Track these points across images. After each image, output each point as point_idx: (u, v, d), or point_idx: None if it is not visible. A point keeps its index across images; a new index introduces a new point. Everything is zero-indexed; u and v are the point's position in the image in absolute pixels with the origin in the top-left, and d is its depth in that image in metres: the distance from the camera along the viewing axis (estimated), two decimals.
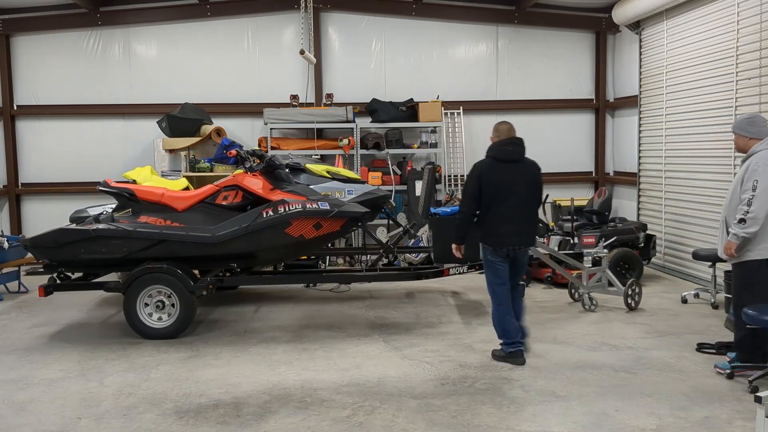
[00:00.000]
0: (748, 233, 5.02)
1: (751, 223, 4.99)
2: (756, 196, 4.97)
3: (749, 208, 4.98)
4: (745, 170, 5.13)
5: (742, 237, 5.06)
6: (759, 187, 4.97)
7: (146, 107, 10.69)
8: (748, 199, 5.00)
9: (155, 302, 6.62)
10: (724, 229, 5.29)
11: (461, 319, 7.15)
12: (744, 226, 5.01)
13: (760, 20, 7.32)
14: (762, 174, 4.99)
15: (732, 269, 5.36)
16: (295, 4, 9.88)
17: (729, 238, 5.12)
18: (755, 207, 4.97)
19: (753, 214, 4.97)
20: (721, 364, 5.39)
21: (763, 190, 4.97)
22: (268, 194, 6.82)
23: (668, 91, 9.28)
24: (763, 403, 3.54)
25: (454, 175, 10.92)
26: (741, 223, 5.02)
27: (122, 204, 7.04)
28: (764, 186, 4.97)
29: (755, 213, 4.97)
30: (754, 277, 5.16)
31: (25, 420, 4.70)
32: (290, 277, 7.94)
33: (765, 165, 5.02)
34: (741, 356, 5.27)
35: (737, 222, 5.04)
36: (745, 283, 5.21)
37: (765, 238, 5.07)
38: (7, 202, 10.77)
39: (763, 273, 5.12)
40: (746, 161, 5.21)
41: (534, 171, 5.93)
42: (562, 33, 11.11)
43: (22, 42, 10.64)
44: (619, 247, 8.43)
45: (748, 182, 5.03)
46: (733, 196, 5.23)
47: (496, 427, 4.44)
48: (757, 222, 4.98)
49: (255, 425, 4.54)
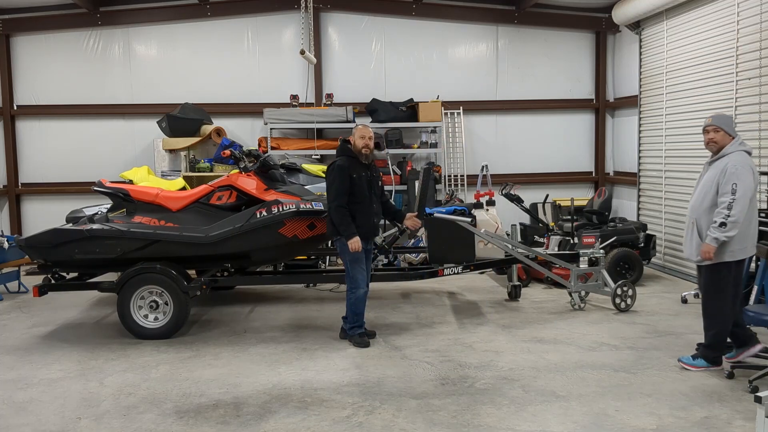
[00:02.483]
0: (728, 237, 5.06)
1: (731, 227, 5.03)
2: (737, 200, 4.99)
3: (730, 212, 5.01)
4: (722, 173, 5.11)
5: (722, 240, 5.09)
6: (739, 191, 5.00)
7: (146, 107, 10.70)
8: (729, 203, 5.02)
9: (149, 302, 6.62)
10: (693, 231, 5.30)
11: (460, 320, 7.15)
12: (725, 229, 5.04)
13: (760, 20, 7.32)
14: (741, 177, 5.02)
15: (702, 271, 5.39)
16: (295, 4, 9.89)
17: (708, 241, 5.12)
18: (736, 211, 5.00)
19: (734, 218, 5.01)
20: (684, 358, 5.51)
21: (743, 194, 5.00)
22: (262, 194, 6.82)
23: (668, 91, 9.28)
24: (763, 403, 3.54)
25: (454, 175, 10.92)
26: (722, 227, 5.04)
27: (117, 204, 7.04)
28: (744, 190, 5.00)
29: (736, 217, 5.01)
30: (726, 278, 5.24)
31: (25, 420, 4.70)
32: (289, 277, 7.93)
33: (743, 167, 5.06)
34: (709, 354, 5.39)
35: (718, 226, 5.06)
36: (718, 284, 5.27)
37: (736, 241, 5.12)
38: (7, 202, 10.78)
39: (734, 274, 5.24)
40: (717, 162, 5.21)
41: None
42: (562, 33, 11.11)
43: (22, 42, 10.64)
44: (619, 247, 8.44)
45: (727, 185, 5.03)
46: (705, 198, 5.23)
47: (496, 427, 4.44)
48: (737, 225, 5.03)
49: (255, 425, 4.53)
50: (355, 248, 6.05)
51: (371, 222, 6.25)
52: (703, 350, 5.44)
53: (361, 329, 6.33)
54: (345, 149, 6.27)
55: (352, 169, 6.12)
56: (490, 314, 7.35)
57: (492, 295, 8.32)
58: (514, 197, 8.67)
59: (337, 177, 6.08)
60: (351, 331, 6.34)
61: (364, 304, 6.33)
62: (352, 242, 6.04)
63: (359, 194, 6.12)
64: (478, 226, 7.52)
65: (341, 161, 6.17)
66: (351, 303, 6.30)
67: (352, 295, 6.29)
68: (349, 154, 6.21)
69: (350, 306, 6.31)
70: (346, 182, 6.06)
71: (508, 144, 11.19)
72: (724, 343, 5.39)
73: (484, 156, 10.88)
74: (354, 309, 6.30)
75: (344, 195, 6.07)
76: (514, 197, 8.67)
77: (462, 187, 10.89)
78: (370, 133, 6.26)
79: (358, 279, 6.25)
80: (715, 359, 5.40)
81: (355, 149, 6.21)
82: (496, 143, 11.17)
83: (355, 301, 6.28)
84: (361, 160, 6.21)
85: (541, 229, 9.31)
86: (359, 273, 6.24)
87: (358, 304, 6.28)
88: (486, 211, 7.98)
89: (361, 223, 6.15)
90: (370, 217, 6.23)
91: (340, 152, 6.30)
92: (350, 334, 6.34)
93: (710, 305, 5.34)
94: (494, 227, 7.74)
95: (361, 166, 6.20)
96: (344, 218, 6.07)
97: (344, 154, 6.24)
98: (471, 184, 10.76)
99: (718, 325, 5.32)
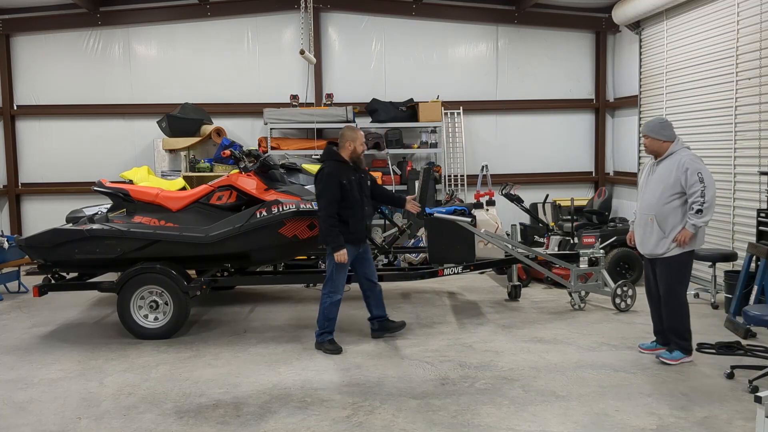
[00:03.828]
0: (705, 222, 5.41)
1: (707, 212, 5.38)
2: (707, 186, 5.35)
3: (704, 198, 5.36)
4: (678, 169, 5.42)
5: (700, 226, 5.41)
6: (706, 180, 5.36)
7: (146, 107, 10.69)
8: (701, 191, 5.35)
9: (149, 302, 6.62)
10: (653, 226, 5.57)
11: (460, 320, 7.15)
12: (702, 215, 5.37)
13: (760, 20, 7.32)
14: (701, 168, 5.41)
15: (662, 263, 5.62)
16: (295, 4, 9.89)
17: (687, 228, 5.42)
18: (709, 196, 5.36)
19: (708, 204, 5.36)
20: (663, 354, 5.64)
21: (711, 182, 5.38)
22: (262, 194, 6.82)
23: (668, 91, 9.28)
24: (763, 403, 3.54)
25: (454, 175, 10.92)
26: (698, 213, 5.37)
27: (117, 204, 7.04)
28: (709, 178, 5.39)
29: (710, 202, 5.37)
30: (685, 267, 5.60)
31: (25, 420, 4.70)
32: (289, 277, 7.93)
33: (697, 159, 5.48)
34: (682, 344, 5.60)
35: (695, 213, 5.38)
36: (678, 274, 5.58)
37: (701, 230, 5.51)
38: (7, 202, 10.78)
39: (691, 264, 5.67)
40: (664, 162, 5.55)
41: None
42: (562, 33, 11.11)
43: (22, 42, 10.64)
44: (619, 247, 8.44)
45: (693, 176, 5.36)
46: (662, 194, 5.51)
47: (496, 427, 4.44)
48: (711, 211, 5.41)
49: (255, 425, 4.54)
50: (340, 260, 5.98)
51: (363, 226, 6.18)
52: (678, 342, 5.62)
53: (331, 335, 6.19)
54: (332, 153, 6.14)
55: (342, 174, 6.00)
56: (490, 314, 7.35)
57: (492, 295, 8.32)
58: (514, 197, 8.67)
59: (327, 186, 5.95)
60: (320, 338, 6.17)
61: (337, 310, 6.21)
62: (339, 255, 5.97)
63: (351, 199, 6.03)
64: (478, 226, 7.52)
65: (329, 167, 6.03)
66: (325, 307, 6.15)
67: (328, 299, 6.15)
68: (337, 158, 6.11)
69: (323, 310, 6.15)
70: (336, 191, 5.94)
71: (508, 144, 11.18)
72: (690, 330, 5.64)
73: (484, 156, 10.88)
74: (327, 314, 6.15)
75: (334, 204, 5.95)
76: (514, 197, 8.67)
77: (462, 187, 10.89)
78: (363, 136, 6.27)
79: (338, 284, 6.16)
80: (688, 348, 5.63)
81: (354, 155, 6.13)
82: (496, 143, 11.17)
83: (330, 305, 6.15)
84: (350, 165, 6.13)
85: (541, 229, 9.31)
86: (341, 278, 6.16)
87: (332, 309, 6.16)
88: (486, 211, 7.98)
89: (354, 228, 6.09)
90: (362, 221, 6.16)
91: (326, 157, 6.15)
92: (319, 341, 6.17)
93: (675, 295, 5.58)
94: (494, 227, 7.74)
95: (349, 169, 6.10)
96: (332, 229, 5.96)
97: (331, 158, 6.11)
98: (471, 184, 10.75)
99: (685, 313, 5.59)
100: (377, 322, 6.52)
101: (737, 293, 6.73)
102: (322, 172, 6.06)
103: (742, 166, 7.68)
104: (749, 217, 7.32)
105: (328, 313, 6.17)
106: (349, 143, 6.12)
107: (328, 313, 6.17)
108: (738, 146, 7.75)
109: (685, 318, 5.59)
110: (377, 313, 6.52)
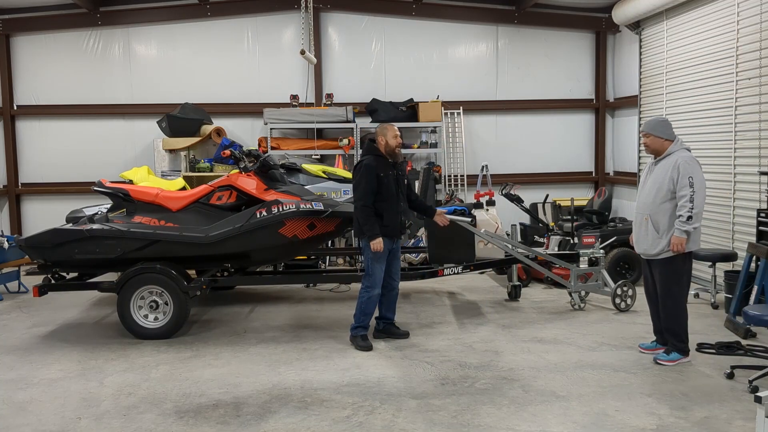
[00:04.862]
0: (695, 227, 5.38)
1: (696, 219, 5.36)
2: (696, 192, 5.33)
3: (693, 205, 5.33)
4: (673, 169, 5.40)
5: (691, 232, 5.39)
6: (696, 184, 5.33)
7: (146, 107, 10.70)
8: (690, 196, 5.33)
9: (149, 302, 6.62)
10: (648, 226, 5.57)
11: (460, 320, 7.15)
12: (692, 222, 5.35)
13: (760, 20, 7.32)
14: (694, 171, 5.36)
15: (659, 265, 5.62)
16: (295, 4, 9.89)
17: (678, 234, 5.38)
18: (698, 202, 5.34)
19: (697, 210, 5.34)
20: (660, 356, 5.64)
21: (701, 186, 5.35)
22: (262, 194, 6.82)
23: (668, 91, 9.28)
24: (763, 403, 3.54)
25: (454, 175, 10.92)
26: (689, 219, 5.34)
27: (117, 204, 7.04)
28: (700, 182, 5.36)
29: (699, 208, 5.35)
30: (682, 269, 5.55)
31: (25, 420, 4.70)
32: (289, 277, 7.93)
33: (692, 162, 5.42)
34: (679, 345, 5.60)
35: (685, 220, 5.34)
36: (674, 275, 5.55)
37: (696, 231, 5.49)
38: (7, 202, 10.78)
39: (688, 265, 5.60)
40: (663, 162, 5.53)
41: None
42: (562, 33, 11.11)
43: (22, 42, 10.64)
44: (619, 247, 8.44)
45: (684, 179, 5.34)
46: (657, 194, 5.50)
47: (496, 427, 4.44)
48: (701, 216, 5.40)
49: (255, 425, 4.53)
50: (376, 249, 6.02)
51: (398, 220, 6.22)
52: (675, 343, 5.61)
53: (365, 331, 6.27)
54: (372, 149, 6.24)
55: (380, 168, 6.10)
56: (490, 314, 7.35)
57: (492, 295, 8.32)
58: (514, 197, 8.67)
59: (365, 176, 6.06)
60: (354, 332, 6.26)
61: (375, 306, 6.26)
62: (374, 243, 6.01)
63: (386, 193, 6.10)
64: (478, 226, 7.52)
65: (369, 160, 6.13)
66: (362, 301, 6.21)
67: (366, 294, 6.20)
68: (376, 153, 6.19)
69: (360, 304, 6.22)
70: (373, 182, 6.04)
71: (508, 144, 11.19)
72: (687, 331, 5.62)
73: (484, 156, 10.88)
74: (365, 308, 6.21)
75: (371, 195, 6.05)
76: (514, 197, 8.67)
77: (462, 187, 10.89)
78: (398, 132, 6.30)
79: (376, 278, 6.18)
80: (685, 349, 5.62)
81: (388, 149, 6.18)
82: (496, 143, 11.17)
83: (368, 300, 6.19)
84: (388, 159, 6.21)
85: (541, 229, 9.31)
86: (378, 272, 6.17)
87: (370, 304, 6.21)
88: (486, 211, 7.99)
89: (388, 222, 6.14)
90: (398, 215, 6.21)
91: (366, 152, 6.27)
92: (353, 334, 6.27)
93: (671, 296, 5.57)
94: (494, 227, 7.74)
95: (388, 164, 6.19)
96: (369, 218, 6.04)
97: (371, 153, 6.21)
98: (471, 184, 10.76)
99: (681, 314, 5.58)
100: (383, 323, 6.51)
101: (737, 293, 6.73)
102: (360, 164, 6.17)
103: (742, 166, 7.68)
104: (749, 217, 7.32)
105: (366, 308, 6.21)
106: (381, 138, 6.21)
107: (365, 308, 6.21)
108: (738, 146, 7.75)
109: (681, 319, 5.58)
110: (386, 315, 6.50)
